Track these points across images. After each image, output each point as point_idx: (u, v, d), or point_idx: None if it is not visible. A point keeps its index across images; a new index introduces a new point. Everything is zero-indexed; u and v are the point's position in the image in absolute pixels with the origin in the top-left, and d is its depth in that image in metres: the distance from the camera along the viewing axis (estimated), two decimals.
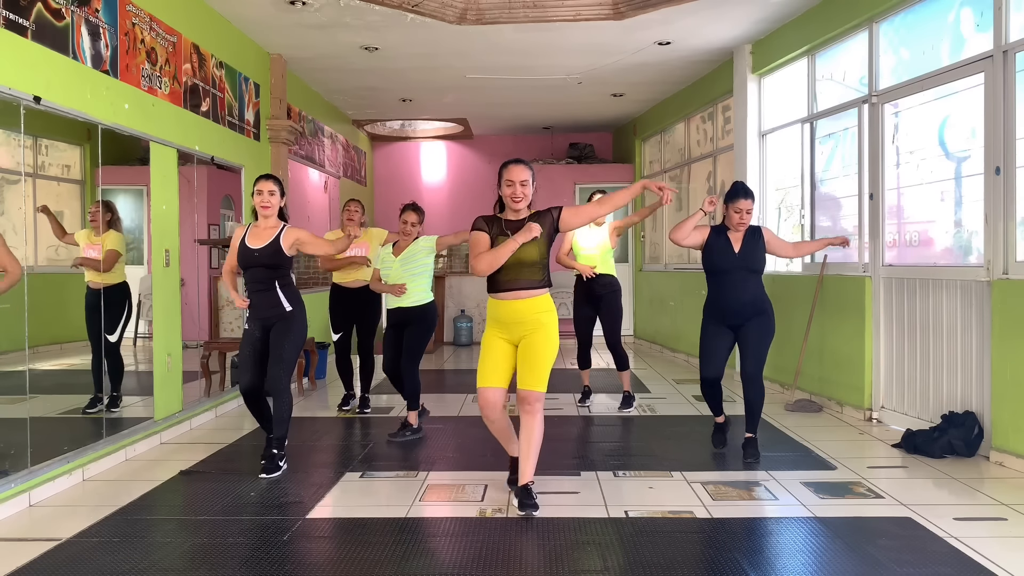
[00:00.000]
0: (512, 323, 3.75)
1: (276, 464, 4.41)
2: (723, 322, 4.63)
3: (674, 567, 3.08)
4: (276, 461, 4.41)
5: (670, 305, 9.73)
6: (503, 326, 3.78)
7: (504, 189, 3.75)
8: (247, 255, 4.43)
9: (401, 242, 5.37)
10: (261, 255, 4.41)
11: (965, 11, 4.90)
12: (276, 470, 4.39)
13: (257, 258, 4.41)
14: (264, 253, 4.41)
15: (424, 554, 3.26)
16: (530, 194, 3.76)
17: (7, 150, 4.17)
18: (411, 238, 5.33)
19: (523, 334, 3.76)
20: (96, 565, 3.14)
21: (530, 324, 3.74)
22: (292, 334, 4.45)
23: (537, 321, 3.74)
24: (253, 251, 4.42)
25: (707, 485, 4.14)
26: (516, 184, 3.72)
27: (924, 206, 5.34)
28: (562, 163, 11.96)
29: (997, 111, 4.50)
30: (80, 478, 4.31)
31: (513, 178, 3.72)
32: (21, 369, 3.99)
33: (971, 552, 3.19)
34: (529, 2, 6.28)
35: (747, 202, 4.58)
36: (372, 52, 7.51)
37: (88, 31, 4.46)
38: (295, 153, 8.25)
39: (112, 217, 5.02)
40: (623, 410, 6.11)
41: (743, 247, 4.59)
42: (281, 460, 4.45)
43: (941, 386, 5.04)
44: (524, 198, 3.73)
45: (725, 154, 8.35)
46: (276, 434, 4.45)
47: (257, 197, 4.46)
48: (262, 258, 4.41)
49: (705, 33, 7.06)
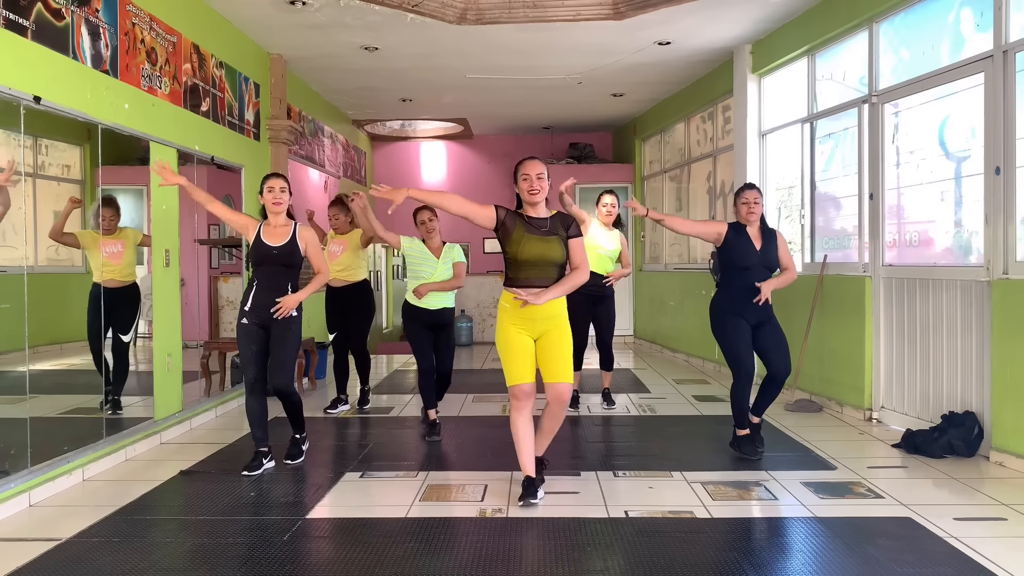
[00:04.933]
0: (532, 319, 3.83)
1: (300, 449, 4.70)
2: (743, 317, 4.60)
3: (674, 567, 3.08)
4: (300, 446, 4.71)
5: (670, 305, 9.73)
6: (524, 321, 3.84)
7: (521, 184, 3.86)
8: (265, 252, 4.44)
9: (429, 241, 5.31)
10: (280, 253, 4.44)
11: (965, 11, 4.90)
12: (300, 455, 4.68)
13: (276, 256, 4.43)
14: (283, 252, 4.44)
15: (424, 554, 3.26)
16: (546, 188, 3.86)
17: (7, 150, 4.17)
18: (435, 234, 5.31)
19: (544, 329, 3.86)
20: (96, 565, 3.14)
21: (550, 320, 3.85)
22: (292, 338, 4.49)
23: (556, 316, 3.87)
24: (272, 249, 4.44)
25: (707, 485, 4.14)
26: (532, 177, 3.83)
27: (924, 206, 5.34)
28: (562, 163, 11.95)
29: (997, 111, 4.50)
30: (80, 478, 4.31)
31: (529, 172, 3.84)
32: (21, 369, 3.99)
33: (971, 552, 3.19)
34: (529, 2, 6.28)
35: (752, 192, 4.63)
36: (372, 52, 7.51)
37: (88, 31, 4.46)
38: (295, 153, 8.25)
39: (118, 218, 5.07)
40: (609, 407, 6.22)
41: (764, 245, 4.64)
42: (304, 444, 4.75)
43: (941, 386, 5.04)
44: (541, 191, 3.84)
45: (725, 154, 8.35)
46: (297, 432, 4.73)
47: (268, 194, 4.47)
48: (281, 257, 4.44)
49: (705, 33, 7.06)
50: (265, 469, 4.46)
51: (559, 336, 3.87)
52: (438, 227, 5.32)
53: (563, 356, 3.86)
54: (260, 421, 4.51)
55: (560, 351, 3.86)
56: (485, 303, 11.75)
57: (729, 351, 4.63)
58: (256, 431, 4.51)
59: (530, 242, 3.78)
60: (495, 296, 11.57)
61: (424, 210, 5.30)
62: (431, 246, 5.29)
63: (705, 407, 6.32)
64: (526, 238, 3.79)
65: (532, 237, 3.79)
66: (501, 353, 3.90)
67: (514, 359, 3.85)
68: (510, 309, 3.85)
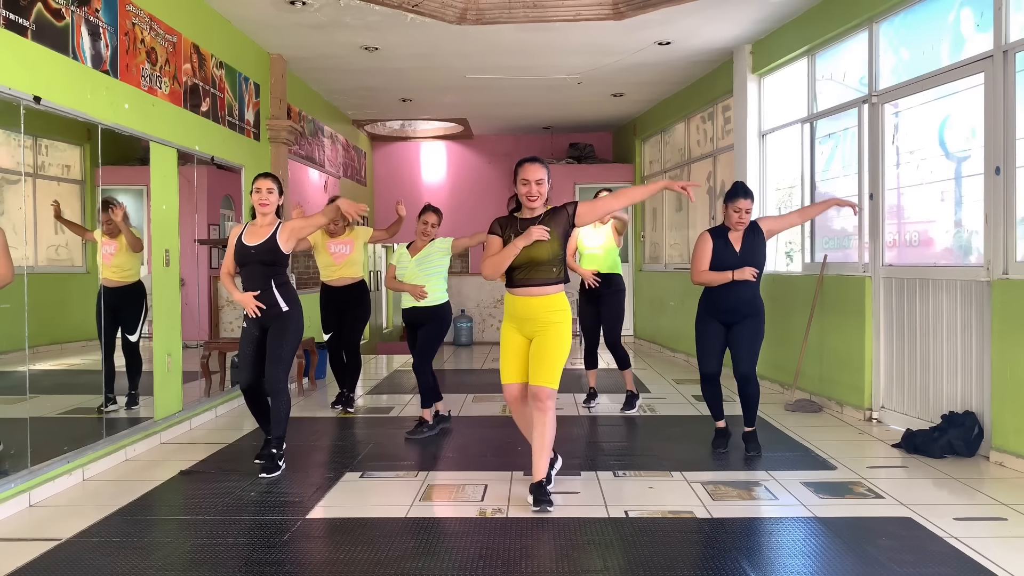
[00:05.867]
0: (525, 319, 3.82)
1: (276, 464, 4.42)
2: (718, 318, 4.70)
3: (674, 567, 3.08)
4: (275, 460, 4.42)
5: (670, 305, 9.73)
6: (518, 321, 3.86)
7: (519, 187, 3.81)
8: (244, 252, 4.44)
9: (418, 242, 5.38)
10: (258, 251, 4.41)
11: (965, 11, 4.90)
12: (276, 470, 4.40)
13: (253, 255, 4.41)
14: (260, 249, 4.41)
15: (424, 554, 3.26)
16: (545, 192, 3.81)
17: (7, 150, 4.17)
18: (428, 239, 5.35)
19: (535, 331, 3.82)
20: (96, 565, 3.14)
21: (541, 321, 3.80)
22: (289, 334, 4.45)
23: (548, 320, 3.79)
24: (250, 248, 4.43)
25: (707, 485, 4.13)
26: (531, 183, 3.76)
27: (924, 206, 5.34)
28: (562, 163, 11.95)
29: (997, 111, 4.50)
30: (80, 478, 4.31)
31: (528, 177, 3.76)
32: (21, 369, 3.99)
33: (971, 552, 3.19)
34: (529, 2, 6.28)
35: (746, 202, 4.60)
36: (372, 52, 7.51)
37: (88, 31, 4.46)
38: (295, 153, 8.25)
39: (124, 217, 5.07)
40: (626, 411, 6.08)
41: (744, 247, 4.64)
42: (280, 459, 4.46)
43: (941, 386, 5.04)
44: (540, 197, 3.78)
45: (725, 154, 8.35)
46: (275, 434, 4.46)
47: (256, 195, 4.46)
48: (259, 254, 4.41)
49: (705, 33, 7.06)
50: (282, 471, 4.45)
51: (551, 340, 3.77)
52: (434, 234, 5.38)
53: (547, 359, 3.75)
54: (264, 416, 4.55)
55: (546, 354, 3.75)
56: (485, 303, 11.75)
57: (697, 352, 4.82)
58: (264, 424, 4.58)
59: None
60: (495, 296, 11.57)
61: (430, 212, 5.33)
62: (414, 247, 5.37)
63: (705, 407, 6.30)
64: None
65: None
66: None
67: (504, 359, 3.91)
68: (507, 309, 3.89)
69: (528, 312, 3.80)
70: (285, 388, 4.47)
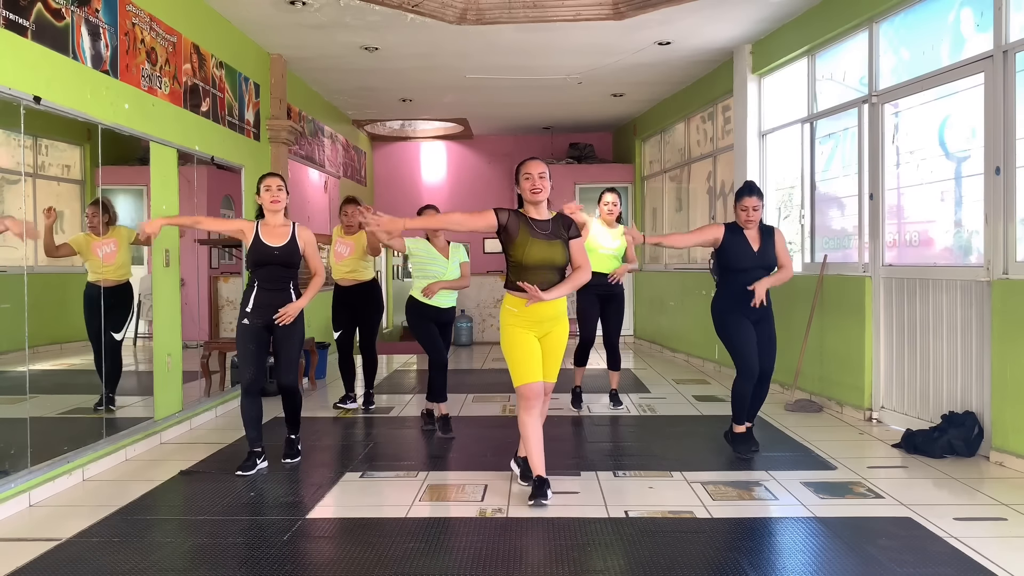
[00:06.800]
0: (539, 320, 3.92)
1: (296, 450, 4.70)
2: (744, 315, 4.63)
3: (674, 567, 3.08)
4: (295, 446, 4.72)
5: (670, 305, 9.73)
6: (532, 323, 3.91)
7: (523, 183, 3.90)
8: (265, 252, 4.43)
9: (435, 240, 5.36)
10: (281, 253, 4.44)
11: (965, 11, 4.90)
12: (297, 455, 4.69)
13: (277, 256, 4.44)
14: (284, 251, 4.45)
15: (424, 554, 3.26)
16: (548, 187, 3.92)
17: (7, 150, 4.17)
18: (440, 234, 5.37)
19: (547, 329, 3.96)
20: (96, 565, 3.14)
21: (555, 319, 3.96)
22: (297, 335, 4.55)
23: (560, 316, 3.99)
24: (273, 249, 4.44)
25: (707, 485, 4.14)
26: (535, 176, 3.88)
27: (924, 206, 5.34)
28: (562, 163, 11.95)
29: (997, 111, 4.50)
30: (80, 478, 4.31)
31: (531, 171, 3.89)
32: (21, 369, 3.99)
33: (971, 552, 3.19)
34: (529, 2, 6.28)
35: (752, 199, 4.62)
36: (372, 52, 7.51)
37: (88, 31, 4.46)
38: (295, 153, 8.25)
39: (110, 218, 5.04)
40: (616, 407, 6.22)
41: (761, 246, 4.66)
42: (298, 444, 4.75)
43: (941, 386, 5.04)
44: (544, 190, 3.89)
45: (725, 154, 8.35)
46: (292, 432, 4.73)
47: (266, 193, 4.47)
48: (282, 256, 4.44)
49: (705, 33, 7.06)
50: (259, 470, 4.45)
51: (562, 337, 4.03)
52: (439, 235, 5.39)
53: (558, 357, 4.05)
54: (255, 422, 4.50)
55: (559, 351, 4.04)
56: (485, 303, 11.75)
57: (734, 349, 4.67)
58: (251, 431, 4.50)
59: (535, 246, 3.81)
60: (495, 296, 11.57)
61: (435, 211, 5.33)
62: (437, 245, 5.34)
63: (705, 407, 6.32)
64: (531, 242, 3.81)
65: (537, 241, 3.82)
66: (508, 355, 3.94)
67: (524, 359, 3.90)
68: (516, 311, 3.89)
69: (543, 314, 3.91)
70: (298, 388, 4.66)
